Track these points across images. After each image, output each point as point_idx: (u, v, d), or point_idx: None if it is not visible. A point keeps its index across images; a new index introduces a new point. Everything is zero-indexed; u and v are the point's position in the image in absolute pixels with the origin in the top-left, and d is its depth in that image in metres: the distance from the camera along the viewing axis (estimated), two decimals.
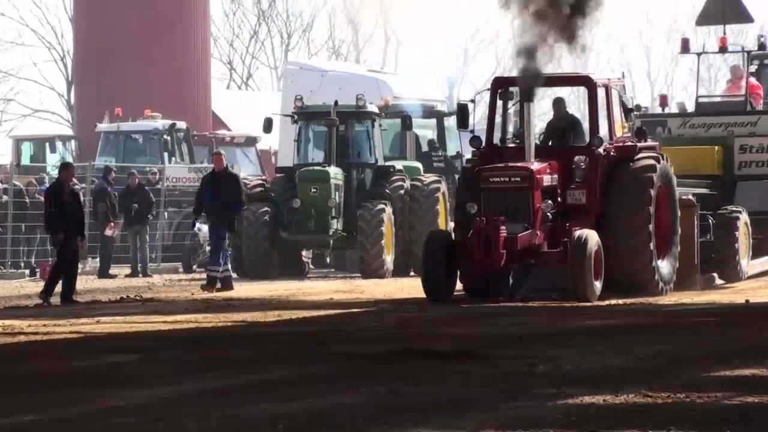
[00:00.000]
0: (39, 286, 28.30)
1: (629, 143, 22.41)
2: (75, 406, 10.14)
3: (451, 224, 25.58)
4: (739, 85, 26.89)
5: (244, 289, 28.04)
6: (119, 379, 12.18)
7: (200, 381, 11.83)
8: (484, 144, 21.88)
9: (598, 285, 20.46)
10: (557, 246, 20.84)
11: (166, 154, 43.78)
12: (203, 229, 32.15)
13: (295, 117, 32.87)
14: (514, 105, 22.25)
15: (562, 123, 22.61)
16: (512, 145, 22.16)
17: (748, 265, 23.18)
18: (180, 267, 39.04)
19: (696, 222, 22.80)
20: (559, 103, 23.02)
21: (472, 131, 22.81)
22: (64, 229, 23.94)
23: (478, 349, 14.95)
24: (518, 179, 20.61)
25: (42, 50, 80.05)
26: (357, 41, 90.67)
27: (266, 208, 31.91)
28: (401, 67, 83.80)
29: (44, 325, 19.36)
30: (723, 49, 27.87)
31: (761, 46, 26.31)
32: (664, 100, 28.07)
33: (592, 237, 20.31)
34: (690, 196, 23.06)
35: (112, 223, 35.77)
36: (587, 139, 22.14)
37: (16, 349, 16.56)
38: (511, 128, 22.81)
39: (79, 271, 27.57)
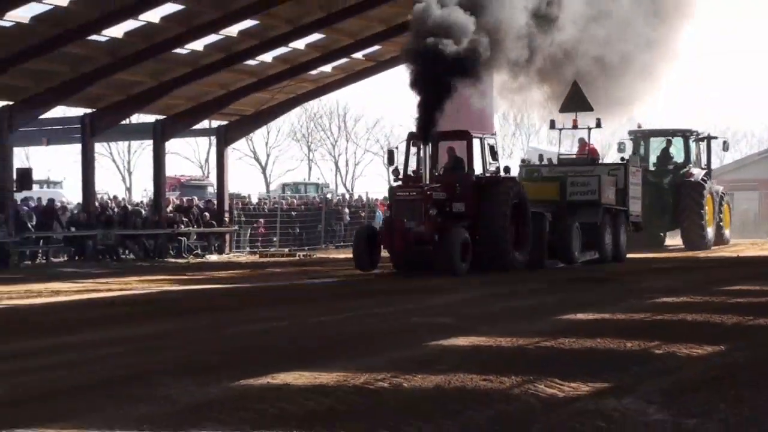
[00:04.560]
0: None
1: (497, 175, 29.68)
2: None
3: None
4: (584, 149, 36.53)
5: None
6: None
7: None
8: (402, 174, 29.49)
9: (464, 265, 27.28)
10: (441, 238, 27.44)
11: None
12: None
13: None
14: (419, 150, 28.88)
15: (452, 162, 30.06)
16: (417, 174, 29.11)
17: (578, 254, 31.75)
18: None
19: (546, 226, 30.66)
20: (449, 150, 30.42)
21: (396, 167, 30.18)
22: None
23: (607, 278, 27.79)
24: (414, 194, 27.85)
25: None
26: None
27: None
28: None
29: None
30: (575, 126, 35.86)
31: (598, 125, 34.89)
32: (540, 157, 37.69)
33: (461, 232, 27.42)
34: (544, 212, 30.81)
35: None
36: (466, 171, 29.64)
37: None
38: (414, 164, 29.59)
39: None
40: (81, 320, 19.26)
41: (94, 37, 35.92)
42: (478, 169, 29.66)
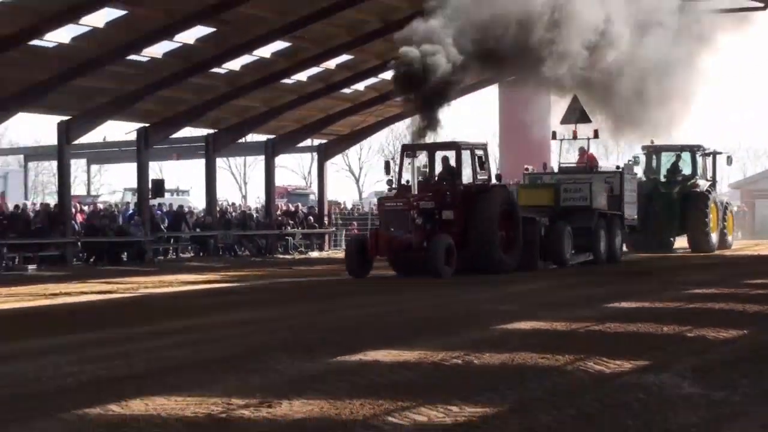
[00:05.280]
0: None
1: (487, 183, 26.94)
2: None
3: None
4: (583, 158, 34.37)
5: None
6: None
7: None
8: (395, 184, 26.87)
9: (448, 268, 24.34)
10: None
11: None
12: None
13: None
14: (412, 161, 26.45)
15: (445, 171, 27.00)
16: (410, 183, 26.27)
17: (570, 256, 28.84)
18: None
19: (539, 230, 27.81)
20: (444, 160, 27.25)
21: (390, 179, 27.29)
22: None
23: (647, 272, 27.19)
24: (400, 204, 25.28)
25: None
26: None
27: None
28: None
29: None
30: (575, 137, 34.04)
31: (596, 135, 33.27)
32: (544, 166, 35.26)
33: (444, 239, 24.66)
34: (537, 217, 28.00)
35: None
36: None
37: None
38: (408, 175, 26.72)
39: None
40: (205, 306, 19.52)
41: (215, 69, 36.36)
42: (472, 177, 27.26)
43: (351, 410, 8.45)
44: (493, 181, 27.50)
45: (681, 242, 38.48)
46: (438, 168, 27.39)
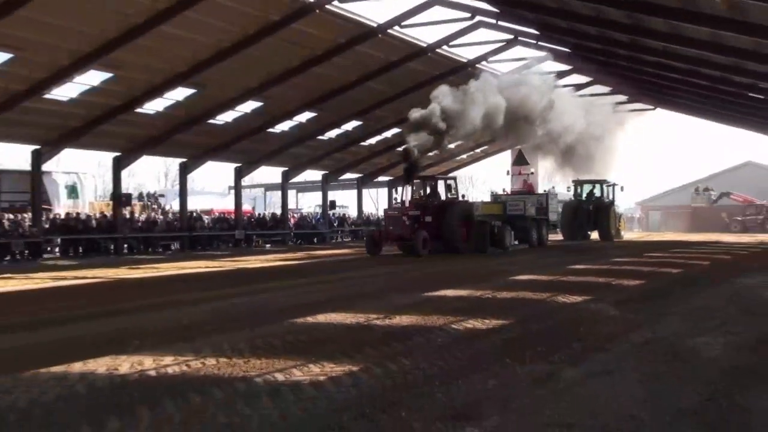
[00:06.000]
0: None
1: (454, 200, 25.18)
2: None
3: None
4: (525, 186, 33.63)
5: None
6: None
7: None
8: (399, 200, 24.81)
9: (425, 251, 22.74)
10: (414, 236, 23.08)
11: None
12: None
13: None
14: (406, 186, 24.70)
15: (431, 192, 25.31)
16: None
17: (509, 245, 26.11)
18: None
19: (488, 229, 25.26)
20: (431, 185, 25.62)
21: (395, 197, 26.59)
22: None
23: (588, 249, 25.90)
24: (397, 212, 23.84)
25: None
26: None
27: None
28: None
29: None
30: (520, 173, 33.95)
31: (532, 173, 33.71)
32: (503, 190, 33.22)
33: (421, 233, 22.94)
34: (490, 221, 25.93)
35: None
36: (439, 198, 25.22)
37: None
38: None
39: None
40: (355, 264, 19.64)
41: (363, 143, 36.45)
42: (445, 197, 25.55)
43: (432, 321, 8.90)
44: (460, 199, 26.01)
45: (594, 236, 37.11)
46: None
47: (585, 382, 5.95)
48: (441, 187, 25.72)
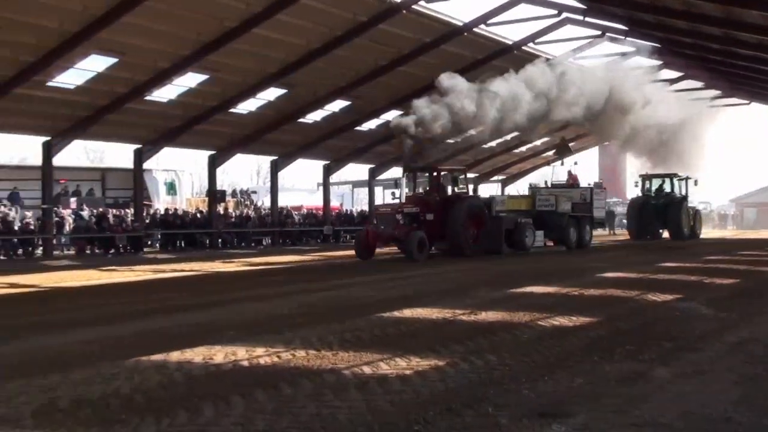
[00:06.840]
0: None
1: (462, 194, 22.00)
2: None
3: None
4: (569, 178, 28.53)
5: None
6: None
7: None
8: (399, 194, 22.08)
9: (421, 254, 19.39)
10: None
11: None
12: None
13: None
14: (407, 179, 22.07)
15: (435, 186, 21.79)
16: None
17: (530, 244, 23.20)
18: None
19: (503, 226, 22.53)
20: (436, 178, 22.00)
21: (393, 192, 23.86)
22: None
23: (678, 248, 24.77)
24: (388, 210, 20.89)
25: None
26: None
27: None
28: None
29: None
30: (562, 164, 30.26)
31: (576, 163, 30.34)
32: (545, 182, 29.52)
33: (417, 234, 19.63)
34: (519, 219, 23.29)
35: None
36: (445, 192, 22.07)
37: None
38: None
39: None
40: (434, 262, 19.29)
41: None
42: (451, 191, 22.27)
43: (518, 318, 8.79)
44: (470, 193, 22.98)
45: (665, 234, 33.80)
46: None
47: (676, 381, 5.77)
48: (439, 180, 22.25)
